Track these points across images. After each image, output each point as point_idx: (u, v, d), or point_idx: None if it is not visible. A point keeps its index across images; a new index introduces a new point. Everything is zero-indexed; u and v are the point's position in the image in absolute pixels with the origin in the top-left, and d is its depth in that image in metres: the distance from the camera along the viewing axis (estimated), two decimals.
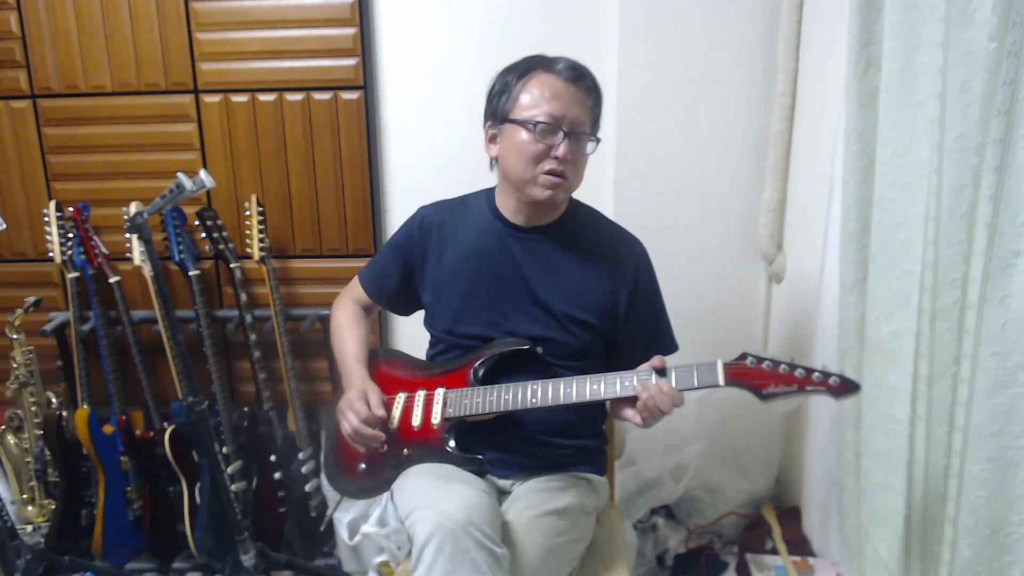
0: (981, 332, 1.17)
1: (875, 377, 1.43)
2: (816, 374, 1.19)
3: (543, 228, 1.44)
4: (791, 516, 2.00)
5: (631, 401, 1.28)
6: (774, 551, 1.91)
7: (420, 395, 1.44)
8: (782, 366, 1.20)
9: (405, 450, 1.42)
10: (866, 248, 1.45)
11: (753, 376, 1.21)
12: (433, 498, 1.24)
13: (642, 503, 2.07)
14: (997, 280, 1.14)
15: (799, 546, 1.91)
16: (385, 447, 1.42)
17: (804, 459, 2.01)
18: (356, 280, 1.63)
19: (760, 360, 1.21)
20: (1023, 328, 1.12)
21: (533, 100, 1.33)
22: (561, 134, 1.32)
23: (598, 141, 1.39)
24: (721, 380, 1.22)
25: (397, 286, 1.55)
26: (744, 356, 1.22)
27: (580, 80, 1.34)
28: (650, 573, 2.05)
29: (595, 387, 1.30)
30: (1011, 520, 1.19)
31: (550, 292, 1.42)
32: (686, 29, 1.97)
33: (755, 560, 1.86)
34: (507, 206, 1.45)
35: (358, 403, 1.40)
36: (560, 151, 1.32)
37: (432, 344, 1.55)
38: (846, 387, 1.18)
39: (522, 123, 1.34)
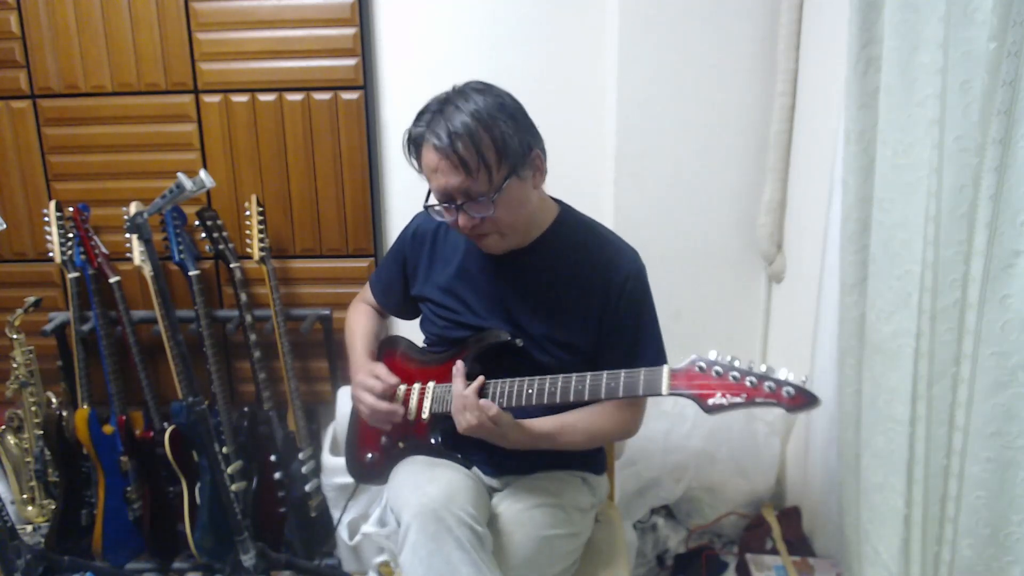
0: (981, 332, 1.17)
1: (875, 377, 1.43)
2: (768, 383, 1.03)
3: (523, 250, 1.39)
4: (791, 516, 2.00)
5: None
6: (774, 551, 1.90)
7: (415, 388, 1.44)
8: (732, 373, 1.04)
9: (400, 443, 1.45)
10: (866, 248, 1.45)
11: (698, 383, 1.06)
12: (418, 482, 1.27)
13: (642, 503, 2.07)
14: (997, 280, 1.14)
15: (799, 546, 1.91)
16: (409, 428, 1.42)
17: (804, 459, 2.01)
18: (368, 284, 1.65)
19: (710, 365, 1.07)
20: (1023, 328, 1.12)
21: (426, 173, 1.29)
22: (454, 208, 1.27)
23: (496, 194, 1.24)
24: (664, 388, 1.09)
25: (400, 293, 1.56)
26: (694, 361, 1.09)
27: (451, 149, 1.21)
28: (650, 573, 2.05)
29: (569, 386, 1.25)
30: (1011, 520, 1.19)
31: (528, 314, 1.39)
32: (686, 29, 1.97)
33: (755, 560, 1.86)
34: None
35: (369, 380, 1.41)
36: (460, 223, 1.28)
37: (428, 344, 1.56)
38: (801, 400, 1.02)
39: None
